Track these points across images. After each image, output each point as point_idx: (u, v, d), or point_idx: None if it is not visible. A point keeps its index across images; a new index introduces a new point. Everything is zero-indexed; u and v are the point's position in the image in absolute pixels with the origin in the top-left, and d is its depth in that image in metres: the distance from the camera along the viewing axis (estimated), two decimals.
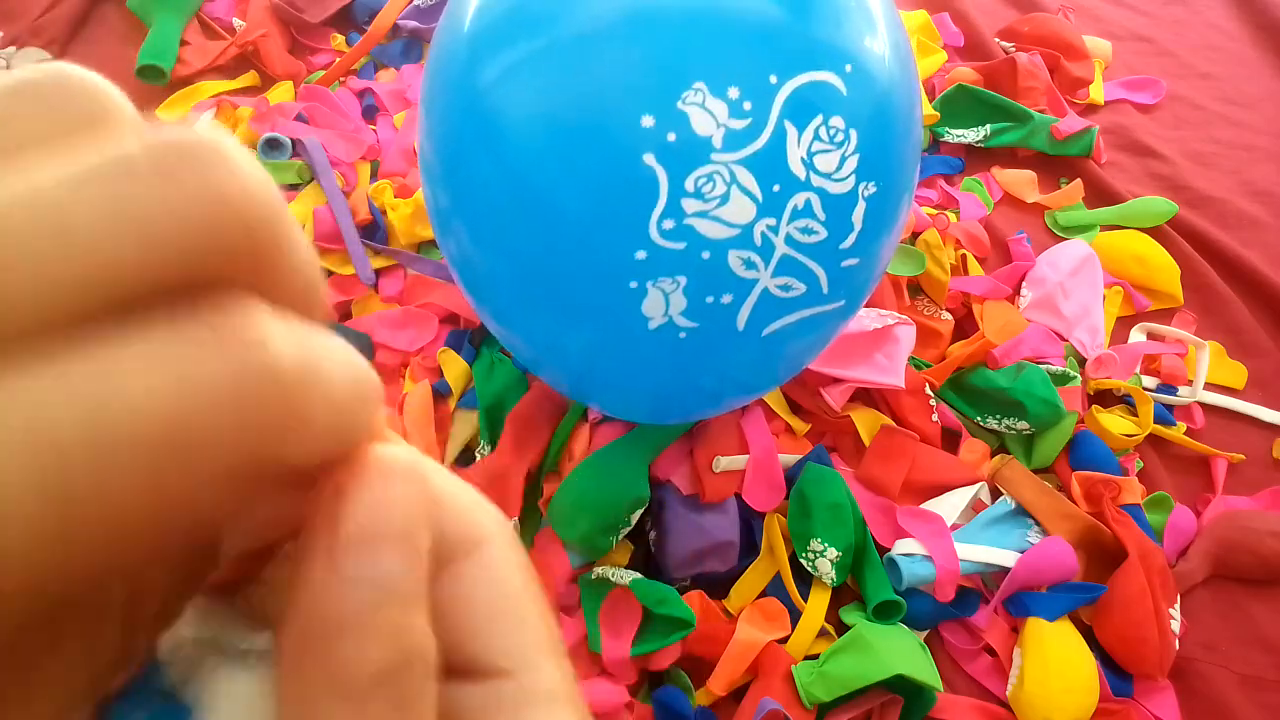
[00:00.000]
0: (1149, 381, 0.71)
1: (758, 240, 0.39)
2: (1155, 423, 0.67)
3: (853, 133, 0.40)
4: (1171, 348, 0.73)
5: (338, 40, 0.90)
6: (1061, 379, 0.65)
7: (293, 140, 0.74)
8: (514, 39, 0.40)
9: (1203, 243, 0.80)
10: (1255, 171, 0.88)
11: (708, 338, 0.42)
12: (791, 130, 0.38)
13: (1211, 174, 0.87)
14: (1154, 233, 0.80)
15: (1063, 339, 0.70)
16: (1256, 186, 0.87)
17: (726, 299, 0.41)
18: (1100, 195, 0.84)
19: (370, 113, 0.82)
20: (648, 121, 0.37)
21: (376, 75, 0.86)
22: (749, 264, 0.40)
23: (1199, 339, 0.73)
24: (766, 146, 0.38)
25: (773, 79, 0.38)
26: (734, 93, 0.37)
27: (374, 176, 0.76)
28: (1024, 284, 0.74)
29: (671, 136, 0.37)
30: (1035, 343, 0.68)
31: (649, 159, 0.37)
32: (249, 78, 0.84)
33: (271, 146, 0.74)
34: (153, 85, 0.83)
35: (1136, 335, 0.74)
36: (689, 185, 0.38)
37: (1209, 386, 0.71)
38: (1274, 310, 0.76)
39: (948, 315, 0.70)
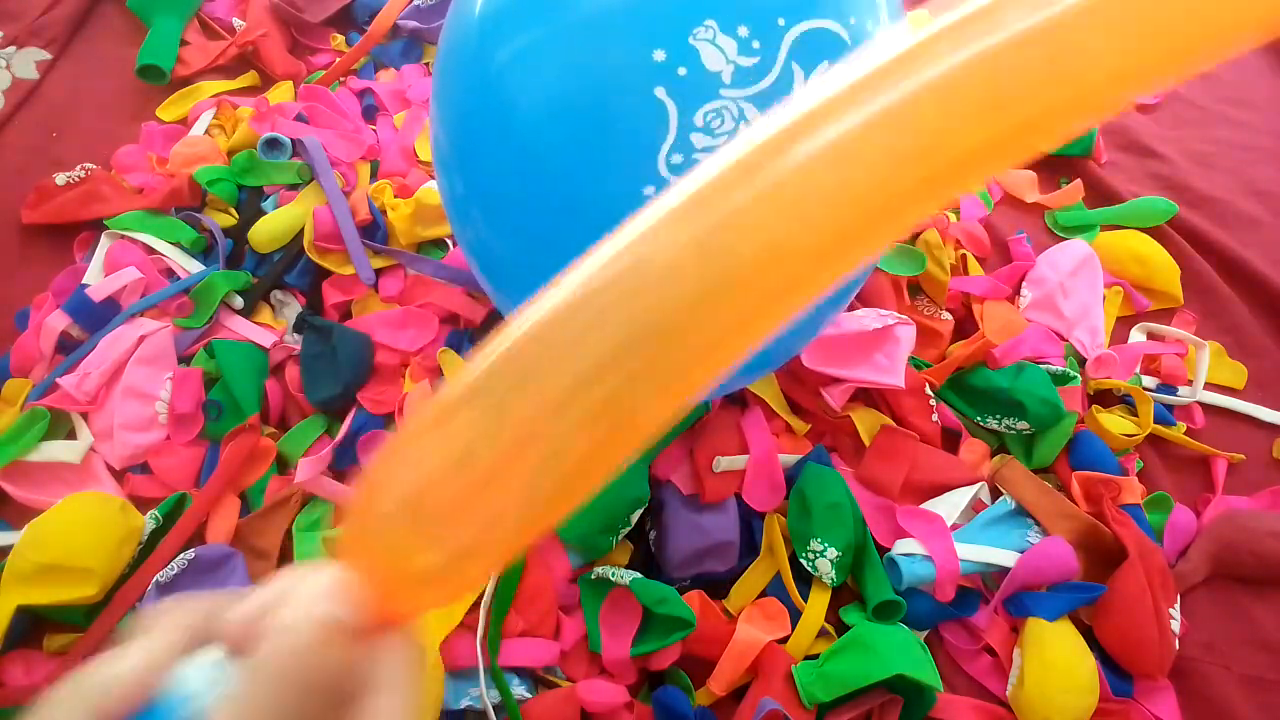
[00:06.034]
0: (1149, 381, 0.71)
1: None
2: (1155, 423, 0.67)
3: None
4: (1171, 348, 0.73)
5: (338, 40, 0.90)
6: (1061, 379, 0.65)
7: (293, 140, 0.74)
8: (528, 14, 0.41)
9: (1203, 243, 0.80)
10: (1255, 171, 0.88)
11: None
12: (799, 72, 0.39)
13: (1211, 174, 0.87)
14: (1154, 233, 0.80)
15: (1063, 339, 0.70)
16: (1256, 186, 0.87)
17: None
18: (1100, 195, 0.84)
19: (370, 113, 0.82)
20: (659, 56, 0.38)
21: (376, 75, 0.86)
22: None
23: (1199, 339, 0.73)
24: (774, 85, 0.39)
25: (780, 21, 0.39)
26: (744, 31, 0.38)
27: (374, 176, 0.76)
28: (1024, 284, 0.74)
29: (682, 71, 0.38)
30: (1035, 343, 0.68)
31: (660, 92, 0.38)
32: (249, 78, 0.84)
33: (271, 146, 0.74)
34: (153, 85, 0.83)
35: (1136, 335, 0.74)
36: (698, 120, 0.39)
37: (1209, 386, 0.71)
38: (1274, 310, 0.76)
39: (948, 315, 0.70)
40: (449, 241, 0.71)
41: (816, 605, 0.56)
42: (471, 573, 0.20)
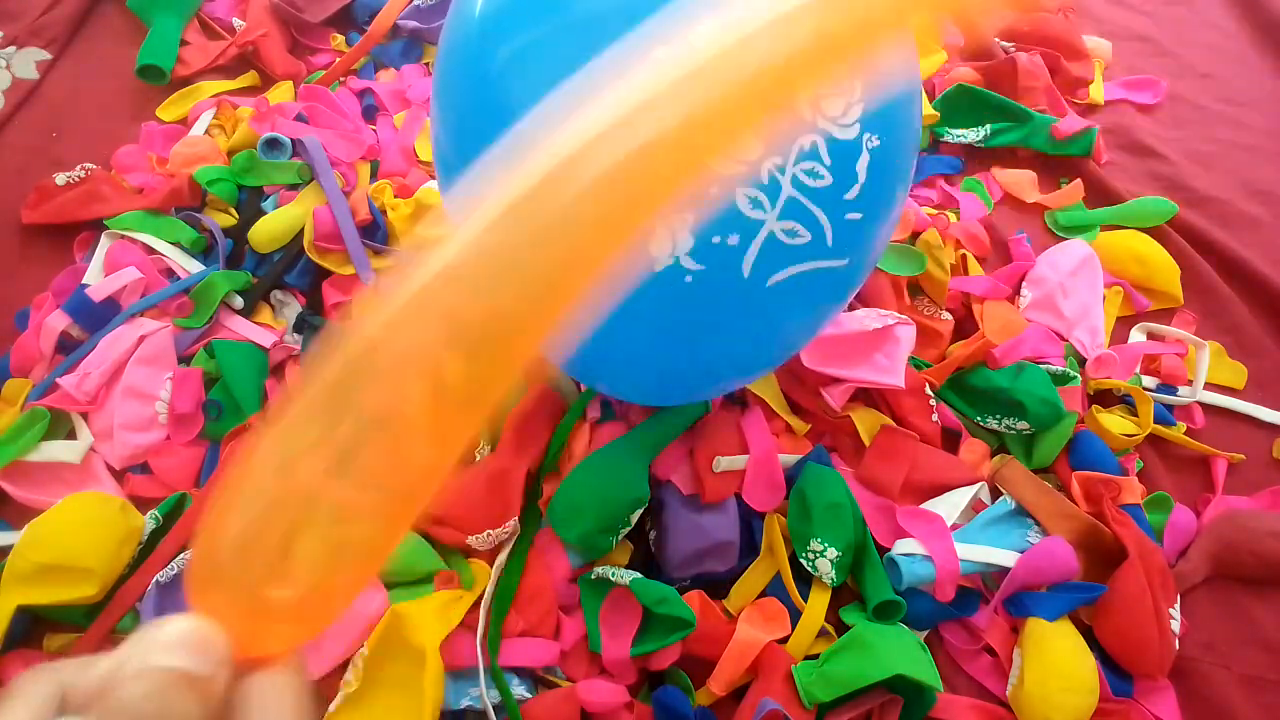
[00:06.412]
0: (1149, 381, 0.71)
1: (764, 178, 0.40)
2: (1155, 423, 0.67)
3: (856, 81, 0.41)
4: (1171, 348, 0.73)
5: (338, 40, 0.90)
6: (1061, 379, 0.65)
7: (293, 140, 0.74)
8: (528, 12, 0.41)
9: (1203, 243, 0.80)
10: (1255, 171, 0.88)
11: (713, 285, 0.42)
12: None
13: (1211, 174, 0.87)
14: (1154, 233, 0.80)
15: (1063, 339, 0.70)
16: (1256, 186, 0.87)
17: (733, 240, 0.41)
18: (1100, 195, 0.84)
19: (370, 113, 0.82)
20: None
21: (376, 75, 0.86)
22: (755, 203, 0.41)
23: (1199, 339, 0.73)
24: None
25: None
26: None
27: (374, 176, 0.76)
28: (1024, 284, 0.74)
29: None
30: (1035, 343, 0.68)
31: None
32: (249, 78, 0.84)
33: (271, 146, 0.74)
34: (153, 85, 0.83)
35: (1136, 335, 0.74)
36: None
37: (1209, 386, 0.71)
38: (1274, 310, 0.76)
39: (948, 315, 0.70)
40: None
41: (816, 605, 0.56)
42: (330, 600, 0.20)
